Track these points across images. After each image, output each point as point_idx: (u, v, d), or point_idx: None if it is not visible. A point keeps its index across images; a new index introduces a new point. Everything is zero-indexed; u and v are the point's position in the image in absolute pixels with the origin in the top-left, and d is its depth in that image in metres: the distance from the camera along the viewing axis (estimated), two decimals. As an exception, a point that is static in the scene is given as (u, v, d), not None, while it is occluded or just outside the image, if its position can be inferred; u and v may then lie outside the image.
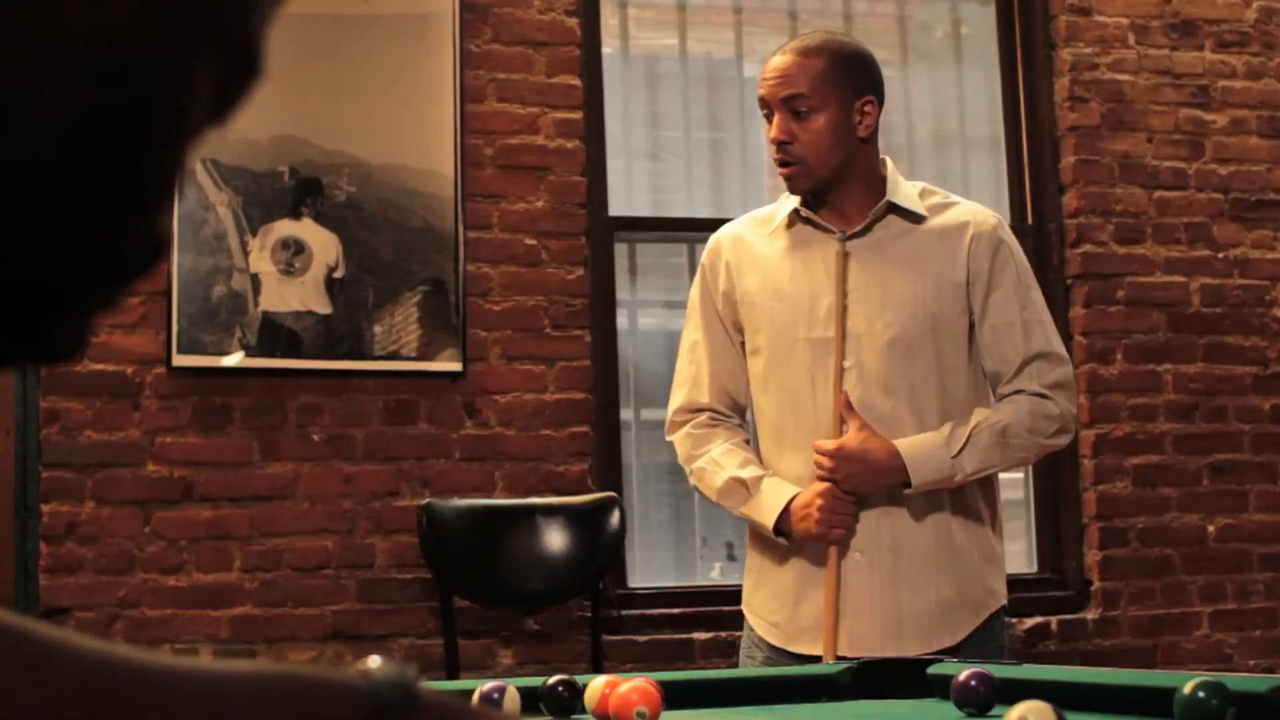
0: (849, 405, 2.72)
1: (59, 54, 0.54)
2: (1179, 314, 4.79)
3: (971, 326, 2.81)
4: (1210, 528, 4.74)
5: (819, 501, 2.69)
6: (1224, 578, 4.73)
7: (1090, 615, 4.64)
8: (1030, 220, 4.83)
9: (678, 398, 2.91)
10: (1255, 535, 4.77)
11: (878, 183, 2.84)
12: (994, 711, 1.77)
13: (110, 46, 0.55)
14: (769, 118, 2.79)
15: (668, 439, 2.95)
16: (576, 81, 4.45)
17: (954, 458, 2.72)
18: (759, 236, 2.88)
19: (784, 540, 2.77)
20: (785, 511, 2.73)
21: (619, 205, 4.58)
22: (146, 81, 0.57)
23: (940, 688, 1.98)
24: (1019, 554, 4.83)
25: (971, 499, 2.82)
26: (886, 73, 2.98)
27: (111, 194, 0.57)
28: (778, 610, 2.82)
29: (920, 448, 2.72)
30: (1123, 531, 4.67)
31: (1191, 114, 4.87)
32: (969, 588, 2.80)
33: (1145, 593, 4.67)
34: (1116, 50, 4.83)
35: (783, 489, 2.76)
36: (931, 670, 2.07)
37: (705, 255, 2.93)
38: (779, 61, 2.78)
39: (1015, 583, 4.67)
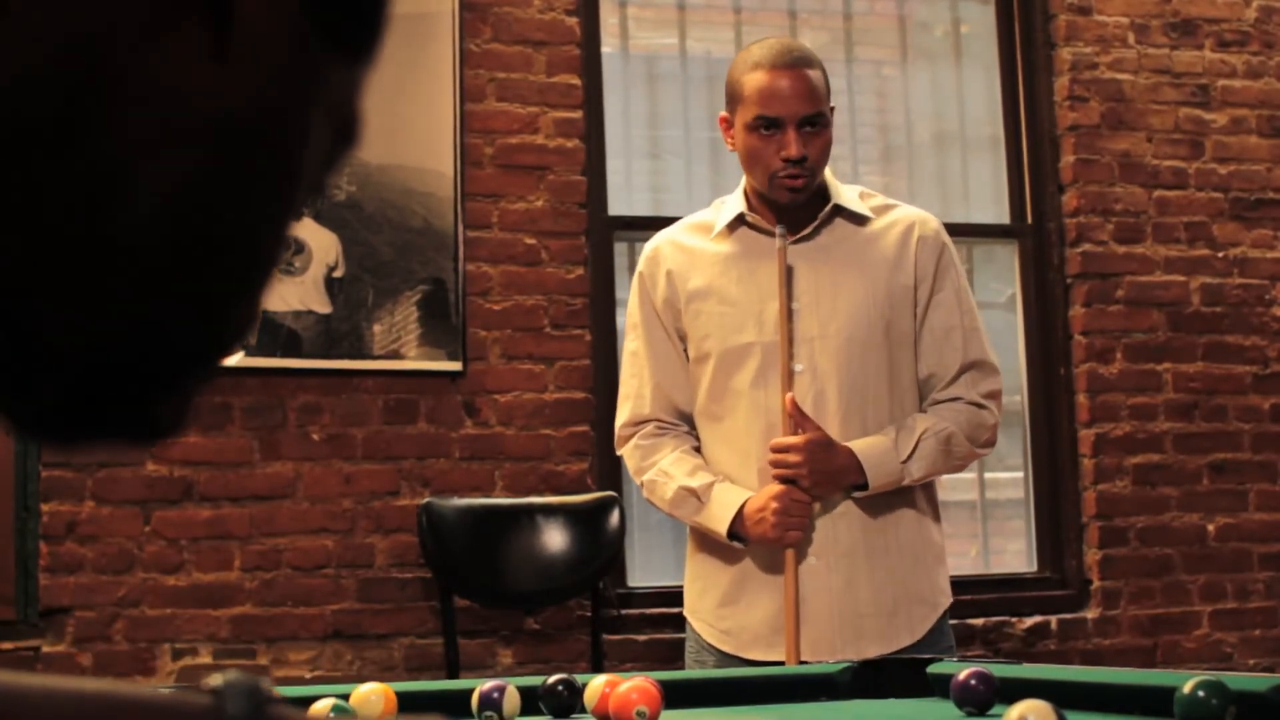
0: (798, 409, 2.72)
1: (183, 123, 0.54)
2: (1179, 313, 4.79)
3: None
4: (1210, 527, 4.75)
5: (774, 505, 2.68)
6: (1224, 577, 4.74)
7: (1090, 615, 4.64)
8: (1030, 220, 4.83)
9: (623, 412, 2.90)
10: (1255, 535, 4.78)
11: (821, 190, 2.83)
12: (994, 711, 1.77)
13: (236, 117, 0.55)
14: (767, 131, 2.74)
15: (618, 453, 2.95)
16: (576, 81, 4.45)
17: (904, 462, 2.74)
18: (700, 242, 2.86)
19: (739, 544, 2.76)
20: (738, 516, 2.72)
21: (619, 204, 4.58)
22: (267, 153, 0.56)
23: (940, 687, 1.98)
24: (1019, 554, 4.83)
25: (917, 500, 2.83)
26: (886, 72, 2.98)
27: (226, 267, 0.57)
28: (728, 617, 2.81)
29: (873, 450, 2.73)
30: (1122, 531, 4.67)
31: (1191, 113, 4.88)
32: (922, 585, 2.81)
33: (1145, 592, 4.67)
34: (1116, 49, 4.83)
35: (734, 494, 2.74)
36: (931, 670, 2.07)
37: (643, 263, 2.89)
38: (793, 79, 2.73)
39: (1015, 582, 4.70)
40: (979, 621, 4.51)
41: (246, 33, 0.55)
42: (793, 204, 2.78)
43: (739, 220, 2.84)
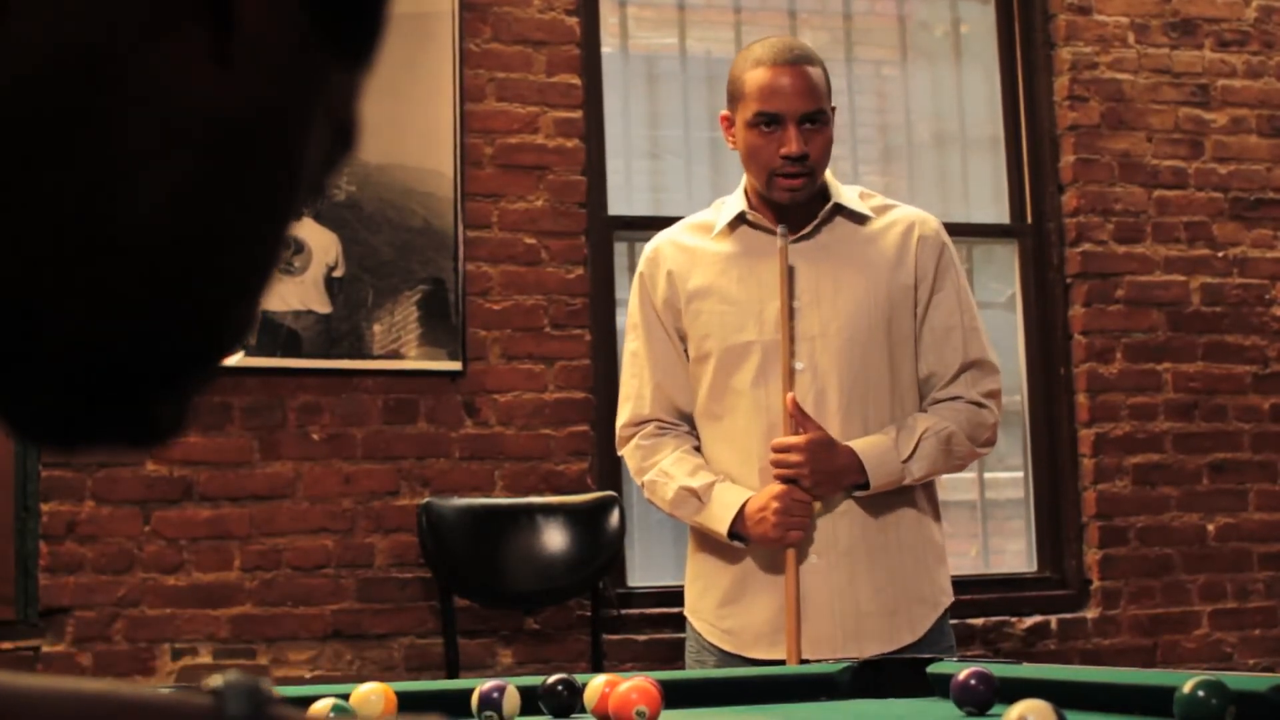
0: (800, 409, 2.72)
1: (183, 125, 0.54)
2: (1178, 313, 4.79)
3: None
4: (1210, 527, 4.75)
5: (775, 505, 2.68)
6: (1223, 577, 4.74)
7: (1090, 614, 4.64)
8: (1030, 219, 4.83)
9: (624, 413, 2.89)
10: (1255, 534, 4.78)
11: (821, 189, 2.83)
12: (994, 711, 1.77)
13: (236, 119, 0.55)
14: (767, 128, 2.74)
15: (619, 454, 2.95)
16: (576, 81, 4.45)
17: (905, 462, 2.74)
18: (701, 242, 2.86)
19: (740, 544, 2.76)
20: (739, 515, 2.72)
21: (618, 204, 4.58)
22: (267, 156, 0.57)
23: (940, 687, 1.98)
24: (1019, 553, 4.83)
25: (918, 499, 2.83)
26: (886, 72, 2.98)
27: (225, 269, 0.57)
28: (729, 617, 2.80)
29: (874, 450, 2.73)
30: (1122, 531, 4.67)
31: (1191, 113, 4.87)
32: (924, 584, 2.81)
33: (1145, 592, 4.67)
34: (1116, 49, 4.83)
35: (734, 494, 2.74)
36: (931, 669, 2.07)
37: (643, 264, 2.89)
38: (794, 76, 2.73)
39: (1015, 582, 4.70)
40: (979, 621, 4.51)
41: (247, 35, 0.55)
42: (792, 204, 2.78)
43: (740, 219, 2.83)
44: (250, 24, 0.55)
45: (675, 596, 4.35)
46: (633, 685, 1.77)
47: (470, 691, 1.86)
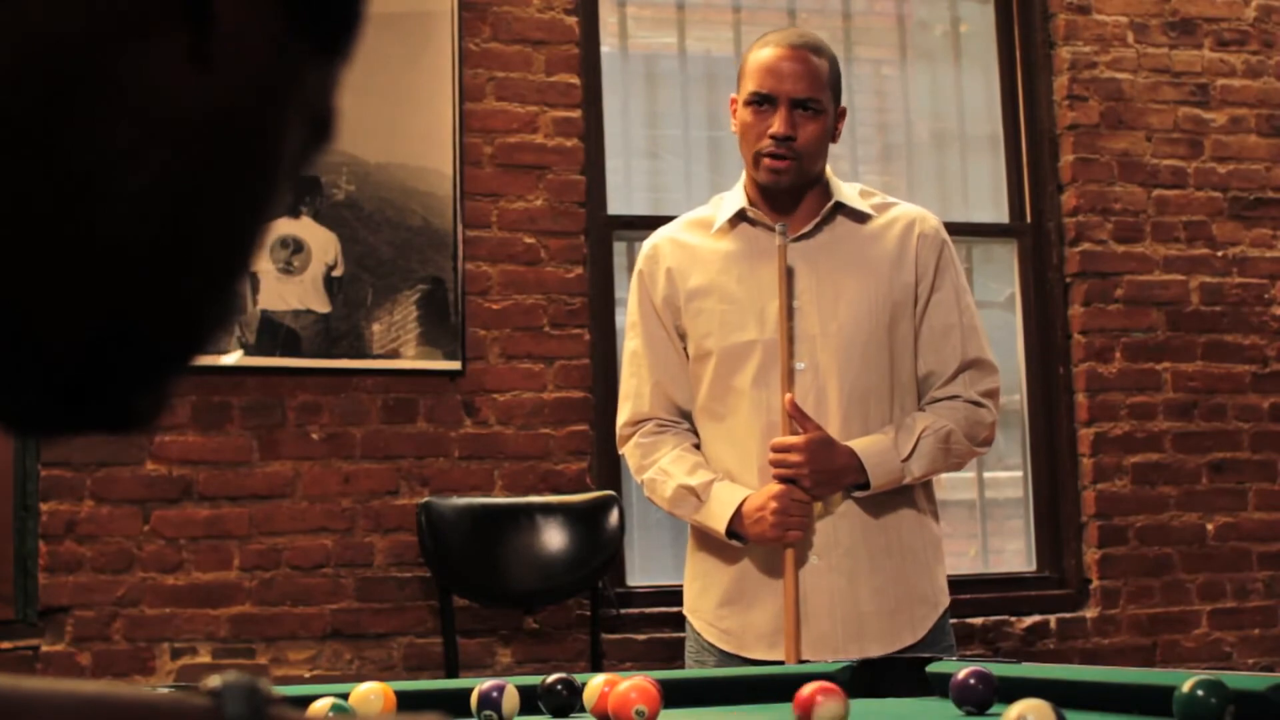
0: (798, 409, 2.72)
1: (162, 124, 0.55)
2: (1178, 312, 4.79)
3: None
4: (1209, 526, 4.75)
5: (773, 504, 2.67)
6: (1223, 576, 4.74)
7: (1089, 614, 4.64)
8: (1029, 219, 4.83)
9: (624, 412, 2.89)
10: (1254, 534, 4.78)
11: (822, 187, 2.83)
12: (993, 710, 1.77)
13: (214, 118, 0.56)
14: (760, 107, 2.75)
15: (619, 452, 2.94)
16: (575, 80, 4.45)
17: (904, 461, 2.73)
18: (700, 239, 2.85)
19: (737, 543, 2.75)
20: (737, 514, 2.72)
21: (618, 204, 4.58)
22: (245, 153, 0.57)
23: (939, 686, 1.98)
24: (1018, 553, 4.83)
25: (917, 499, 2.83)
26: (886, 71, 2.97)
27: (203, 266, 0.58)
28: (728, 617, 2.80)
29: (874, 449, 2.73)
30: (1122, 530, 4.67)
31: (1190, 112, 4.88)
32: (923, 584, 2.81)
33: (1144, 591, 4.67)
34: (1115, 49, 4.83)
35: (733, 492, 2.74)
36: (930, 669, 2.07)
37: (642, 261, 2.89)
38: (794, 60, 2.74)
39: (1015, 581, 4.70)
40: (978, 621, 4.51)
41: (225, 34, 0.55)
42: (774, 186, 2.77)
43: (739, 216, 2.83)
44: (228, 22, 0.55)
45: (674, 596, 4.35)
46: (632, 685, 1.77)
47: (470, 691, 1.86)
